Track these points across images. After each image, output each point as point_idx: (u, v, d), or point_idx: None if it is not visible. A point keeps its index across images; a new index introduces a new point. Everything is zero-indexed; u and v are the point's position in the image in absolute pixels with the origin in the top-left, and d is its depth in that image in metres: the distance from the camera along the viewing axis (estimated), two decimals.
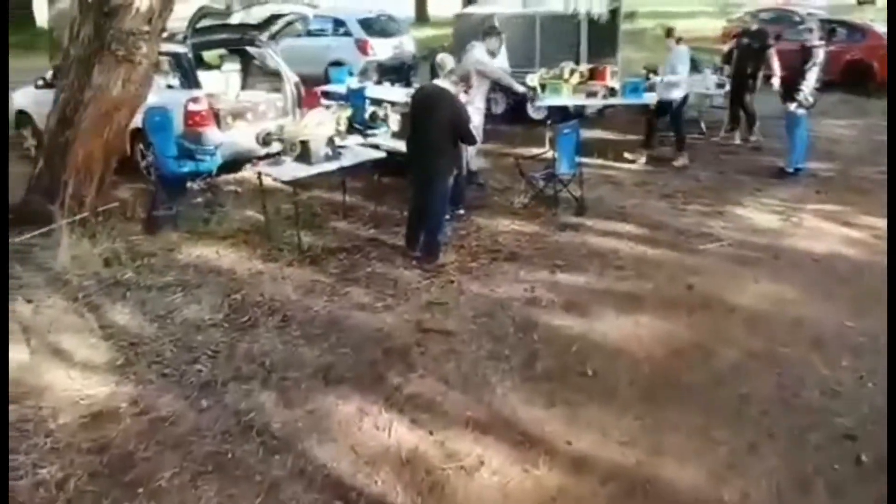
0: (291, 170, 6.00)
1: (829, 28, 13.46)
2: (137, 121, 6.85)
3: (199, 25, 7.67)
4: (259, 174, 6.25)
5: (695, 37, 22.88)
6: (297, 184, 6.32)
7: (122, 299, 5.32)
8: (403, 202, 7.18)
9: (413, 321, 4.87)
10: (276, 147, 6.09)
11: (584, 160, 8.57)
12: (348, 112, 6.70)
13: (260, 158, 6.17)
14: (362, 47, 13.65)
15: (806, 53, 7.81)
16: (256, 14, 7.79)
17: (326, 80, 11.60)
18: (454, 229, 6.65)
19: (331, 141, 6.28)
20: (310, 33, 14.71)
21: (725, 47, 16.33)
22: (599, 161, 8.85)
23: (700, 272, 5.56)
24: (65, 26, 6.09)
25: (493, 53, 7.53)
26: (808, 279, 5.44)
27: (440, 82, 5.84)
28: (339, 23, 14.47)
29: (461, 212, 6.98)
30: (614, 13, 11.14)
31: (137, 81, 6.26)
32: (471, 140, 6.06)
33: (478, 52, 7.49)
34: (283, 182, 5.94)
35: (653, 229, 6.50)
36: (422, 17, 28.07)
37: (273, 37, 14.72)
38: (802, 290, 5.25)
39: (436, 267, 5.75)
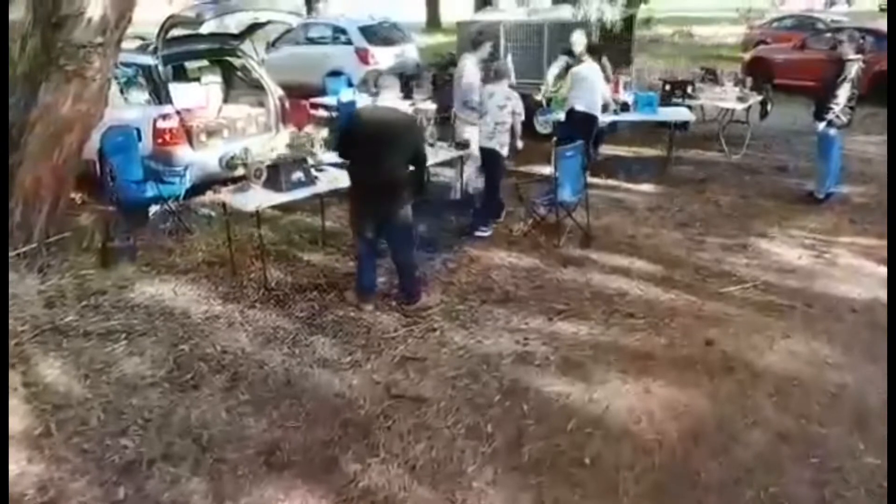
0: (257, 198, 5.31)
1: (861, 38, 12.64)
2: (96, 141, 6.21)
3: (171, 35, 7.03)
4: (223, 203, 5.56)
5: (715, 43, 22.17)
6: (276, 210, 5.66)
7: (57, 349, 4.65)
8: None
9: (382, 383, 4.16)
10: (241, 171, 5.42)
11: (594, 180, 7.90)
12: (324, 132, 6.00)
13: (224, 183, 5.51)
14: (363, 56, 13.01)
15: (838, 67, 7.01)
16: (230, 22, 7.14)
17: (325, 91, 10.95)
18: (444, 262, 5.97)
19: (305, 164, 5.60)
20: (312, 41, 14.22)
21: (747, 56, 15.63)
22: (610, 182, 8.13)
23: (721, 323, 4.80)
24: (16, 39, 5.42)
25: (488, 62, 6.88)
26: (848, 334, 4.66)
27: (391, 101, 5.10)
28: (339, 30, 13.87)
29: (485, 233, 6.44)
30: (629, 20, 10.41)
31: (90, 99, 5.61)
32: (422, 173, 5.27)
33: (468, 63, 6.83)
34: (247, 212, 5.26)
35: (667, 266, 5.74)
36: (433, 24, 27.46)
37: (272, 44, 14.40)
38: (841, 348, 4.47)
39: (417, 310, 5.05)
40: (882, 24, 14.04)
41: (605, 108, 7.90)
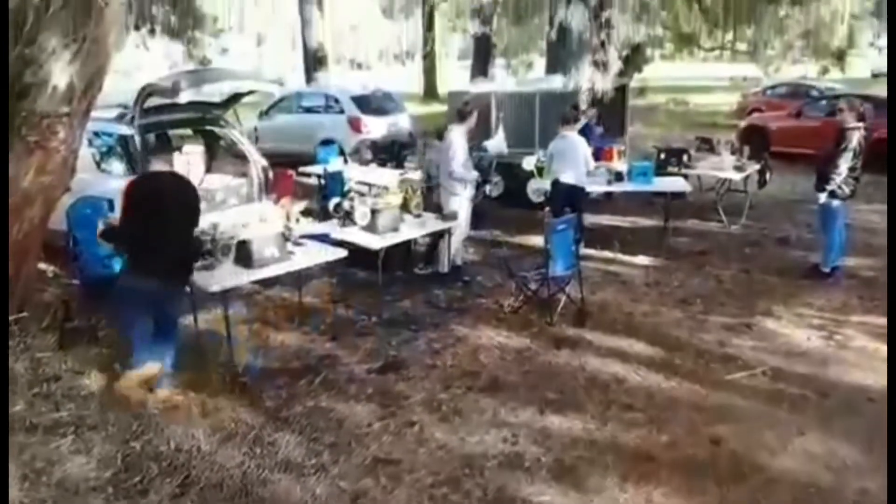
0: (223, 276, 4.94)
1: (861, 105, 12.54)
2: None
3: (149, 104, 6.81)
4: None
5: (709, 111, 22.30)
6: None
7: None
8: (371, 304, 6.24)
9: (349, 491, 3.70)
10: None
11: (589, 251, 7.60)
12: (301, 205, 5.70)
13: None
14: (355, 125, 12.92)
15: (838, 135, 6.76)
16: (214, 91, 6.93)
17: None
18: (428, 342, 5.57)
19: (279, 239, 5.26)
20: (305, 110, 14.19)
21: (742, 123, 15.59)
22: (606, 253, 7.80)
23: (728, 417, 4.36)
24: None
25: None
26: (867, 429, 4.21)
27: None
28: (332, 99, 13.85)
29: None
30: (622, 90, 10.30)
31: (54, 171, 5.31)
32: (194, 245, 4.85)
33: (455, 135, 6.63)
34: (210, 293, 4.89)
35: (667, 349, 5.34)
36: (430, 93, 27.81)
37: (265, 113, 14.36)
38: (861, 446, 4.03)
39: (396, 399, 4.62)
40: (878, 91, 14.01)
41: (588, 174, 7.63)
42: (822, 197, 6.73)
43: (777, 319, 5.89)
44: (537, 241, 7.33)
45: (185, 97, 6.33)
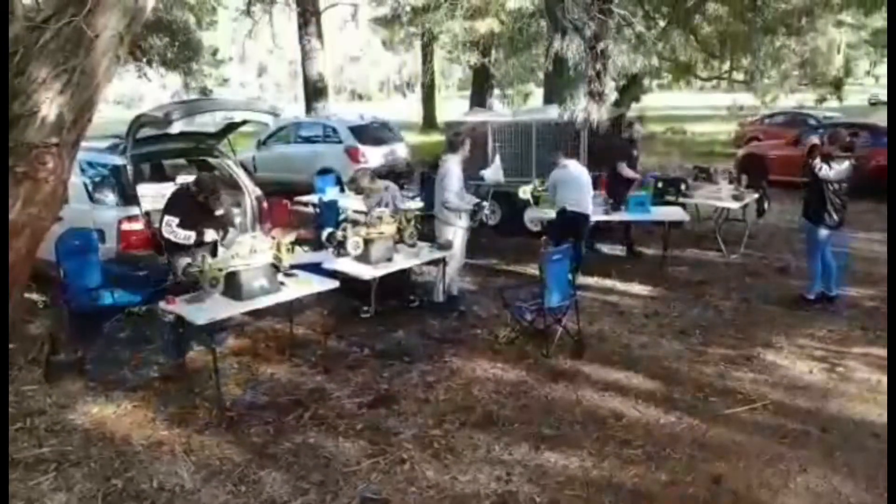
0: (211, 309, 4.85)
1: (852, 133, 12.52)
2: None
3: (142, 135, 6.78)
4: (176, 316, 5.09)
5: (707, 140, 22.35)
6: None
7: None
8: (364, 335, 6.16)
9: None
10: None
11: (587, 280, 7.52)
12: (293, 235, 5.63)
13: (177, 293, 5.08)
14: (352, 154, 12.93)
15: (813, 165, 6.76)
16: (208, 121, 6.91)
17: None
18: (422, 374, 5.46)
19: (269, 270, 5.18)
20: (304, 139, 14.22)
21: (740, 152, 15.59)
22: (604, 282, 7.71)
23: (728, 453, 4.23)
24: None
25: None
26: (871, 465, 4.07)
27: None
28: (330, 129, 13.88)
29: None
30: (618, 120, 10.28)
31: (42, 202, 5.18)
32: None
33: (449, 165, 6.59)
34: (198, 326, 4.79)
35: (666, 382, 5.21)
36: (429, 123, 27.98)
37: (263, 143, 14.39)
38: (866, 484, 3.89)
39: (387, 436, 4.50)
40: (877, 119, 14.03)
41: None
42: (809, 224, 6.79)
43: (778, 351, 5.77)
44: (534, 270, 7.25)
45: (177, 127, 6.29)
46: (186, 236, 5.60)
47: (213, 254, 5.56)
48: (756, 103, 21.99)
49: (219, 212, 5.82)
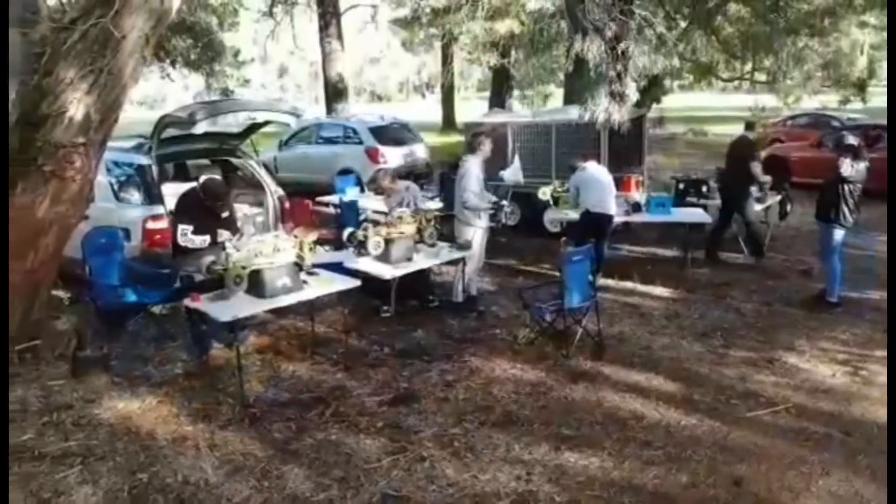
0: (235, 307, 4.91)
1: (875, 135, 12.36)
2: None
3: (167, 135, 6.87)
4: (193, 311, 5.16)
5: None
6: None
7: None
8: (384, 334, 6.21)
9: None
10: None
11: (607, 281, 7.50)
12: (315, 234, 5.68)
13: (202, 290, 5.15)
14: (372, 155, 13.01)
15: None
16: (232, 122, 6.98)
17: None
18: (441, 373, 5.48)
19: (292, 269, 5.23)
20: (325, 140, 14.33)
21: (763, 154, 15.43)
22: (625, 284, 7.68)
23: (749, 455, 4.20)
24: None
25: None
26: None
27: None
28: (350, 130, 13.97)
29: None
30: (639, 120, 10.25)
31: (69, 200, 5.35)
32: None
33: (469, 166, 6.61)
34: (221, 323, 4.85)
35: (687, 384, 5.19)
36: (448, 124, 28.02)
37: (285, 143, 14.51)
38: (887, 487, 3.85)
39: (407, 434, 4.53)
40: None
41: None
42: (825, 225, 6.80)
43: (800, 354, 5.72)
44: (553, 270, 7.26)
45: (201, 128, 6.37)
46: (202, 241, 5.62)
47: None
48: (778, 105, 21.78)
49: (224, 214, 5.84)
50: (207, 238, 5.62)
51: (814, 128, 17.03)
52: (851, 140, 6.92)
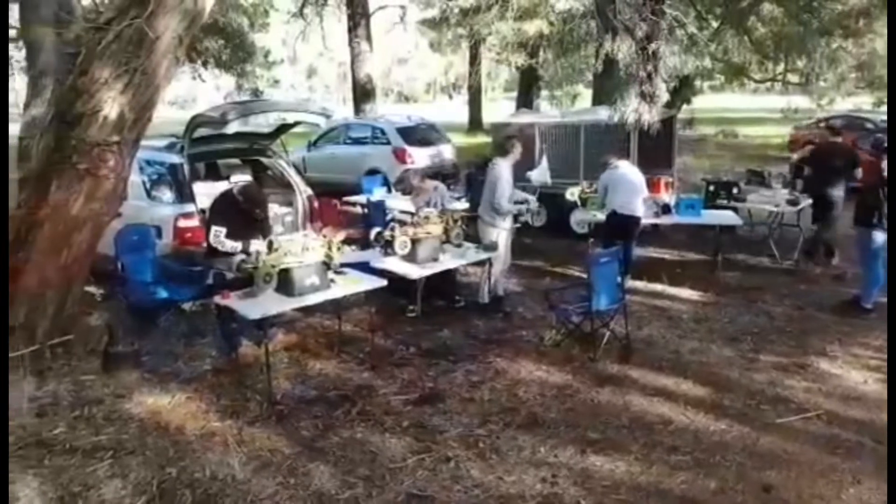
0: (264, 304, 4.96)
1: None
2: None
3: (198, 135, 6.97)
4: (223, 308, 5.23)
5: (760, 143, 21.87)
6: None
7: (38, 465, 4.25)
8: (410, 334, 6.23)
9: None
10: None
11: (635, 283, 7.44)
12: (343, 234, 5.71)
13: (232, 288, 5.22)
14: (399, 155, 13.07)
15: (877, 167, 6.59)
16: (262, 122, 7.05)
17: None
18: (466, 373, 5.48)
19: (320, 268, 5.27)
20: (353, 141, 14.43)
21: (795, 156, 15.19)
22: (654, 286, 7.61)
23: (779, 462, 4.14)
24: (34, 135, 5.35)
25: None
26: None
27: None
28: (378, 131, 14.04)
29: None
30: (669, 121, 10.15)
31: (103, 198, 5.45)
32: None
33: (499, 168, 6.59)
34: (250, 320, 4.91)
35: (716, 389, 5.13)
36: (475, 124, 28.02)
37: (314, 143, 14.63)
38: None
39: (432, 434, 4.53)
40: None
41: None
42: (864, 230, 6.66)
43: (832, 359, 5.62)
44: (580, 272, 7.21)
45: (232, 128, 6.45)
46: (233, 247, 5.59)
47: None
48: (811, 106, 21.44)
49: (259, 219, 5.85)
50: (238, 246, 5.56)
51: (847, 130, 16.69)
52: None
